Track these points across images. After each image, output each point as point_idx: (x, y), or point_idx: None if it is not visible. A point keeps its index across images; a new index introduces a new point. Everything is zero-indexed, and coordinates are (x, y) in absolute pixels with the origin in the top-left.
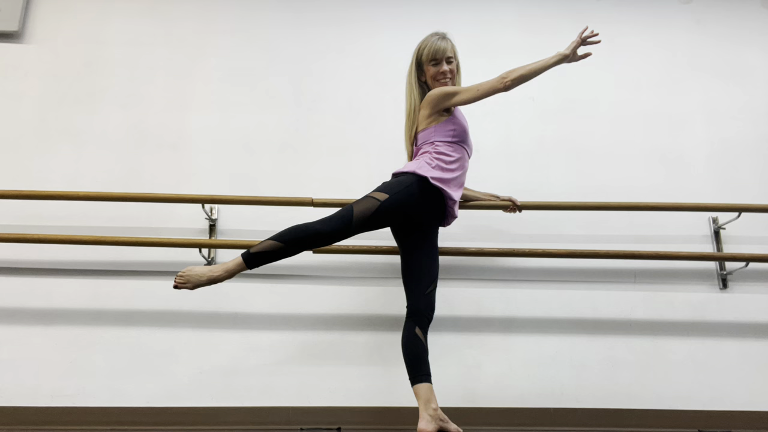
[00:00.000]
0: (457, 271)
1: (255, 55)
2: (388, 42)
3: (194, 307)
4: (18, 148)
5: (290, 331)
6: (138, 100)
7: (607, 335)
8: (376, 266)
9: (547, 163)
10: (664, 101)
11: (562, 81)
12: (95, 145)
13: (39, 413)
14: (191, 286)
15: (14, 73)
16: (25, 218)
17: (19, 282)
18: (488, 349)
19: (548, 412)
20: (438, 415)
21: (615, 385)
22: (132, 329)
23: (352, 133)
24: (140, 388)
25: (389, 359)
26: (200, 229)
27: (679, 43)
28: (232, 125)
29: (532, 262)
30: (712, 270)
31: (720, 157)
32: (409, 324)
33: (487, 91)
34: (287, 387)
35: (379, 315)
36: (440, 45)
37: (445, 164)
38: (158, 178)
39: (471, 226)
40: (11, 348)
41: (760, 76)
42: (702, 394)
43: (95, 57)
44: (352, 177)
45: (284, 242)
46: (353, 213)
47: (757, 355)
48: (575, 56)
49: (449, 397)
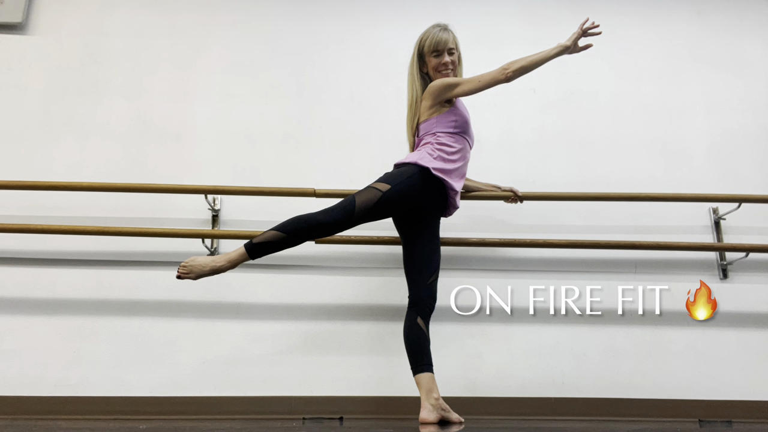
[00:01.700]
0: (458, 262)
1: (257, 47)
2: (390, 33)
3: (197, 298)
4: (22, 139)
5: (292, 321)
6: (141, 91)
7: (608, 325)
8: (378, 256)
9: (548, 154)
10: (664, 92)
11: (563, 72)
12: (99, 135)
13: (43, 403)
14: (194, 276)
15: (18, 64)
16: (29, 209)
17: (22, 272)
18: (489, 339)
19: (549, 401)
20: (440, 404)
21: (616, 374)
22: (135, 319)
23: (354, 124)
24: (143, 377)
25: (391, 349)
26: (203, 220)
27: (679, 35)
28: (235, 116)
29: (533, 253)
30: (712, 260)
31: (720, 148)
32: (410, 314)
33: (488, 82)
34: (290, 377)
35: (380, 305)
36: (442, 36)
37: (447, 155)
38: (161, 168)
39: (472, 216)
40: (15, 338)
41: (760, 68)
42: (702, 384)
43: (99, 48)
44: (355, 168)
45: (287, 233)
46: (355, 203)
47: (757, 345)
48: (576, 47)
49: (451, 386)
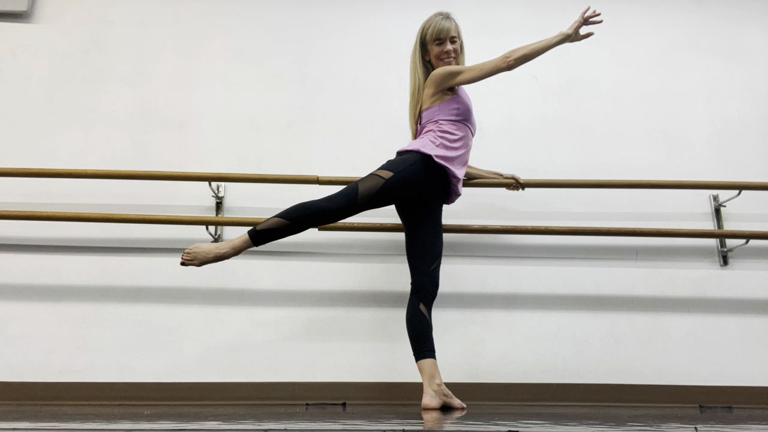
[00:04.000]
0: (460, 248)
1: (261, 35)
2: (393, 22)
3: (201, 284)
4: (27, 127)
5: (296, 308)
6: (145, 80)
7: (609, 312)
8: (380, 243)
9: (549, 142)
10: (665, 80)
11: (564, 60)
12: (103, 123)
13: (48, 389)
14: (198, 263)
15: (23, 52)
16: (34, 196)
17: (28, 259)
18: (492, 326)
19: (551, 387)
20: (442, 390)
21: (617, 361)
22: (140, 306)
23: (357, 112)
24: (148, 363)
25: (394, 335)
26: (207, 207)
27: (680, 23)
28: (239, 104)
29: (534, 240)
30: (712, 247)
31: (720, 136)
32: (413, 300)
33: (490, 70)
34: (293, 363)
35: (383, 291)
36: (444, 25)
37: (449, 142)
38: (165, 156)
39: (474, 203)
40: (20, 324)
41: (760, 56)
42: (702, 370)
43: (103, 36)
44: (357, 155)
45: (290, 219)
46: (358, 191)
47: (757, 331)
48: (577, 36)
49: (453, 372)
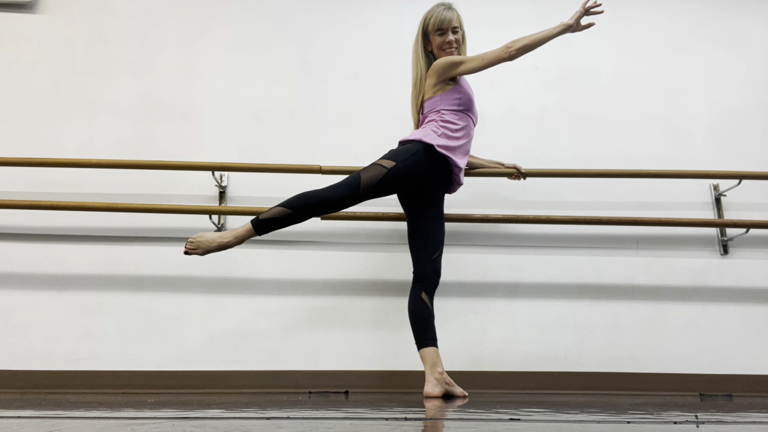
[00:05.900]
0: (462, 238)
1: (264, 25)
2: (395, 12)
3: (204, 273)
4: (32, 117)
5: (298, 297)
6: (149, 70)
7: (610, 300)
8: (383, 232)
9: (551, 132)
10: (665, 70)
11: (565, 50)
12: (107, 113)
13: (52, 377)
14: (201, 251)
15: (28, 42)
16: (38, 185)
17: (32, 248)
18: (493, 314)
19: (552, 375)
20: (444, 378)
21: (617, 349)
22: (143, 294)
23: (359, 102)
24: (151, 352)
25: (396, 324)
26: (210, 196)
27: (680, 13)
28: (242, 94)
29: (536, 229)
30: (712, 236)
31: (721, 125)
32: (415, 289)
33: (491, 60)
34: (296, 351)
35: (385, 280)
36: (446, 15)
37: (451, 132)
38: (169, 145)
39: (476, 193)
40: (25, 313)
41: (760, 45)
42: (703, 359)
43: (107, 27)
44: (360, 145)
45: (293, 209)
46: (361, 180)
47: (757, 320)
48: (579, 26)
49: (455, 361)
